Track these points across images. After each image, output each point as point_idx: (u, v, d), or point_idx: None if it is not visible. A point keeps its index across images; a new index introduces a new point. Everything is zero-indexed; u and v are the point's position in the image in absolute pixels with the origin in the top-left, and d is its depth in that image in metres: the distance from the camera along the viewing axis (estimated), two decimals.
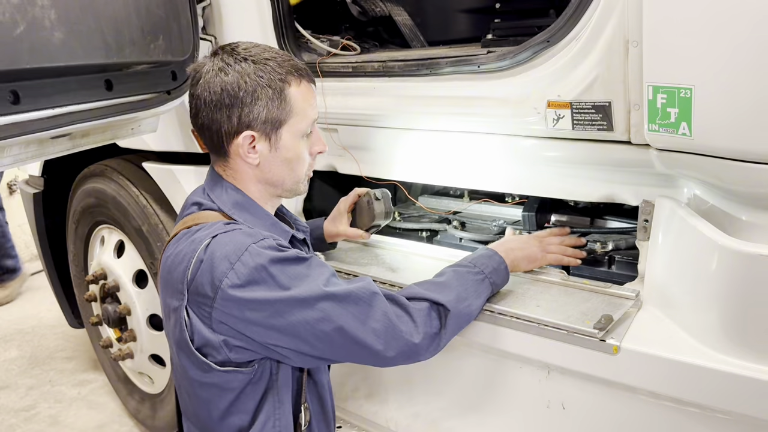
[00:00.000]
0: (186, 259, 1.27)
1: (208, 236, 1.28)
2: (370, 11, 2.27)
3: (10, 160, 1.52)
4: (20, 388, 3.50)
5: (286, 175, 1.42)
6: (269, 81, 1.33)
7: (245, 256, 1.23)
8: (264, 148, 1.37)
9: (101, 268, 2.65)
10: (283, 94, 1.35)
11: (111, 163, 2.58)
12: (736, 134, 1.14)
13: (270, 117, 1.34)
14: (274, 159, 1.39)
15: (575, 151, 1.50)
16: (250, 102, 1.32)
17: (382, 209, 1.80)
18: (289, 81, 1.36)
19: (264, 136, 1.36)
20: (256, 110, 1.33)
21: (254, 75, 1.32)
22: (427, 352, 1.34)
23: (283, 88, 1.35)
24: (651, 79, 1.23)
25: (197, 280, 1.25)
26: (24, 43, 1.30)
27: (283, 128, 1.37)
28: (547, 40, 1.43)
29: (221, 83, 1.32)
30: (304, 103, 1.38)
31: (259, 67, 1.33)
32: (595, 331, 1.32)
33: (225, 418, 1.34)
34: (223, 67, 1.33)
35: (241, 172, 1.40)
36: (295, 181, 1.44)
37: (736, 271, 1.21)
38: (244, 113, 1.33)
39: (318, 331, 1.25)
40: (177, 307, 1.29)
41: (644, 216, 1.47)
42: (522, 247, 1.59)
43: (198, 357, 1.28)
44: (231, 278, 1.22)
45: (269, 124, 1.35)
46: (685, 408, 1.29)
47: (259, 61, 1.34)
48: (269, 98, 1.33)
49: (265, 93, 1.33)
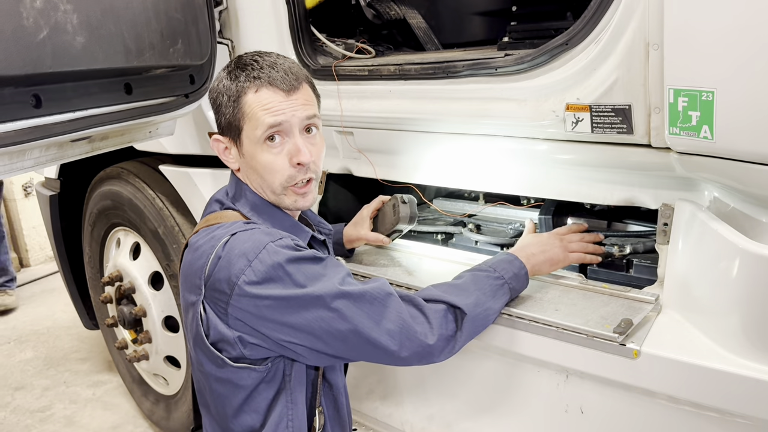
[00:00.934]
0: (205, 255, 1.30)
1: (227, 233, 1.30)
2: (384, 14, 2.28)
3: (30, 162, 1.54)
4: (36, 388, 3.53)
5: (260, 183, 1.41)
6: (227, 87, 1.38)
7: (263, 254, 1.25)
8: (234, 153, 1.43)
9: (117, 270, 2.67)
10: (239, 100, 1.36)
11: (127, 166, 2.60)
12: (758, 137, 1.13)
13: (228, 122, 1.39)
14: (245, 165, 1.42)
15: (594, 154, 1.49)
16: (216, 107, 1.41)
17: (408, 213, 1.80)
18: (244, 88, 1.36)
19: (231, 141, 1.41)
20: (220, 115, 1.41)
21: (224, 81, 1.39)
22: (441, 354, 1.34)
23: (238, 95, 1.36)
24: (672, 82, 1.23)
25: (215, 276, 1.26)
26: (47, 47, 1.32)
27: (242, 134, 1.38)
28: (566, 42, 1.42)
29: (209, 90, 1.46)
30: (258, 109, 1.35)
31: (228, 74, 1.39)
32: (615, 335, 1.32)
33: (238, 416, 1.35)
34: (217, 74, 1.44)
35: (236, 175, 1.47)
36: (271, 191, 1.40)
37: (758, 274, 1.20)
38: (217, 119, 1.43)
39: (333, 329, 1.26)
40: (194, 301, 1.31)
41: (664, 219, 1.46)
42: (543, 250, 1.56)
43: (212, 351, 1.29)
44: (248, 275, 1.24)
45: (231, 130, 1.40)
46: (705, 412, 1.28)
47: (233, 70, 1.39)
48: (225, 105, 1.38)
49: (223, 99, 1.38)
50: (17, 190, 5.40)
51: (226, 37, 2.07)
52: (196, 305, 1.31)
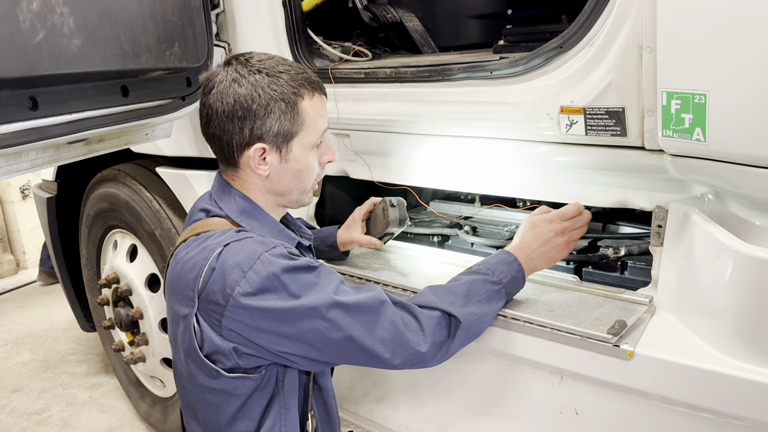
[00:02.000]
0: (197, 267, 1.28)
1: (220, 244, 1.28)
2: (381, 17, 2.28)
3: (27, 165, 1.54)
4: (32, 391, 3.53)
5: (294, 186, 1.43)
6: (282, 94, 1.34)
7: (257, 265, 1.24)
8: (274, 160, 1.38)
9: (114, 272, 2.67)
10: (296, 107, 1.36)
11: (124, 168, 2.60)
12: (750, 140, 1.14)
13: (282, 130, 1.35)
14: (283, 170, 1.40)
15: (588, 157, 1.50)
16: (263, 115, 1.33)
17: (397, 216, 1.80)
18: (302, 94, 1.36)
19: (275, 148, 1.37)
20: (268, 123, 1.34)
21: (268, 88, 1.33)
22: (433, 360, 1.35)
23: (296, 101, 1.35)
24: (665, 85, 1.24)
25: (209, 288, 1.25)
26: (43, 50, 1.32)
27: (294, 140, 1.38)
28: (560, 45, 1.43)
29: (234, 95, 1.32)
30: (315, 115, 1.39)
31: (272, 80, 1.34)
32: (609, 336, 1.32)
33: (232, 424, 1.35)
34: (237, 78, 1.33)
35: (250, 182, 1.42)
36: (301, 191, 1.45)
37: (751, 276, 1.21)
38: (257, 126, 1.34)
39: (327, 338, 1.26)
40: (186, 314, 1.30)
41: (658, 221, 1.47)
42: (545, 251, 1.51)
43: (207, 364, 1.29)
44: (243, 286, 1.23)
45: (281, 136, 1.36)
46: (700, 414, 1.28)
47: (273, 74, 1.34)
48: (282, 112, 1.34)
49: (278, 106, 1.33)
50: (14, 193, 5.40)
51: (223, 39, 2.07)
52: (188, 318, 1.29)
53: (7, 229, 5.52)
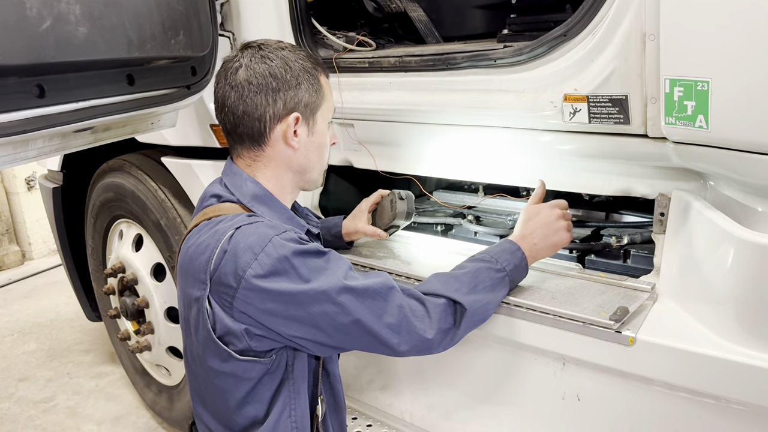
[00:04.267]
0: (209, 250, 1.30)
1: (232, 227, 1.30)
2: (385, 7, 2.28)
3: (34, 153, 1.55)
4: (39, 380, 3.55)
5: (316, 161, 1.48)
6: (308, 67, 1.42)
7: (269, 247, 1.25)
8: (303, 133, 1.43)
9: (120, 262, 2.69)
10: (318, 81, 1.44)
11: (130, 158, 2.61)
12: (753, 126, 1.15)
13: (310, 101, 1.42)
14: (310, 144, 1.45)
15: (591, 145, 1.51)
16: (295, 85, 1.40)
17: (404, 209, 1.81)
18: (319, 70, 1.46)
19: (305, 120, 1.43)
20: (300, 93, 1.40)
21: (296, 62, 1.41)
22: (439, 347, 1.36)
23: (317, 75, 1.44)
24: (668, 72, 1.24)
25: (221, 270, 1.27)
26: (50, 38, 1.32)
27: (318, 113, 1.45)
28: (563, 34, 1.44)
29: (267, 68, 1.38)
30: (329, 92, 1.49)
31: (297, 56, 1.42)
32: (611, 322, 1.33)
33: (241, 408, 1.36)
34: (266, 56, 1.40)
35: (275, 159, 1.44)
36: (320, 169, 1.51)
37: (752, 262, 1.21)
38: (290, 96, 1.39)
39: (336, 322, 1.27)
40: (199, 296, 1.31)
41: (660, 209, 1.47)
42: (547, 235, 1.52)
43: (219, 345, 1.30)
44: (254, 268, 1.24)
45: (309, 108, 1.43)
46: (701, 399, 1.29)
47: (294, 51, 1.44)
48: (309, 83, 1.42)
49: (306, 78, 1.41)
50: (20, 184, 5.42)
51: (228, 29, 2.08)
52: (200, 300, 1.31)
53: (12, 220, 5.54)
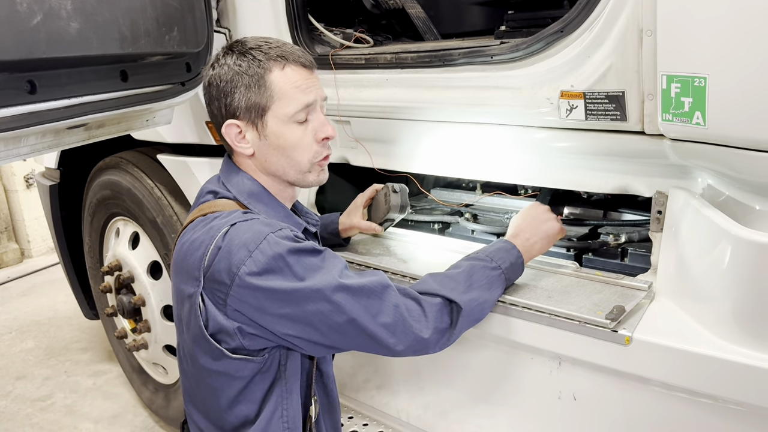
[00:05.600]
0: (203, 246, 1.28)
1: (227, 224, 1.29)
2: (383, 4, 2.27)
3: (27, 149, 1.54)
4: (36, 378, 3.55)
5: (284, 163, 1.41)
6: (246, 68, 1.35)
7: (263, 245, 1.24)
8: (253, 137, 1.39)
9: (116, 260, 2.68)
10: (263, 80, 1.35)
11: (126, 156, 2.60)
12: (750, 123, 1.13)
13: (250, 104, 1.36)
14: (266, 147, 1.39)
15: (588, 142, 1.49)
16: (229, 91, 1.36)
17: (398, 202, 1.80)
18: (269, 67, 1.36)
19: (250, 124, 1.38)
20: (237, 99, 1.36)
21: (233, 65, 1.36)
22: (436, 346, 1.35)
23: (262, 74, 1.35)
24: (665, 69, 1.23)
25: (214, 267, 1.26)
26: (41, 33, 1.31)
27: (268, 114, 1.37)
28: (560, 30, 1.42)
29: (210, 77, 1.39)
30: (288, 86, 1.37)
31: (238, 57, 1.36)
32: (607, 321, 1.32)
33: (232, 407, 1.35)
34: (219, 61, 1.39)
35: (244, 163, 1.43)
36: (297, 170, 1.42)
37: (750, 261, 1.20)
38: (227, 103, 1.37)
39: (331, 321, 1.26)
40: (192, 293, 1.30)
41: (657, 207, 1.46)
42: (537, 226, 1.54)
43: (211, 343, 1.29)
44: (249, 266, 1.23)
45: (252, 111, 1.37)
46: (698, 399, 1.28)
47: (244, 51, 1.37)
48: (246, 85, 1.35)
49: (242, 80, 1.35)
50: (19, 182, 5.41)
51: (224, 25, 2.07)
52: (194, 297, 1.29)
53: (11, 218, 5.54)
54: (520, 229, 1.54)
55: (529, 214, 1.58)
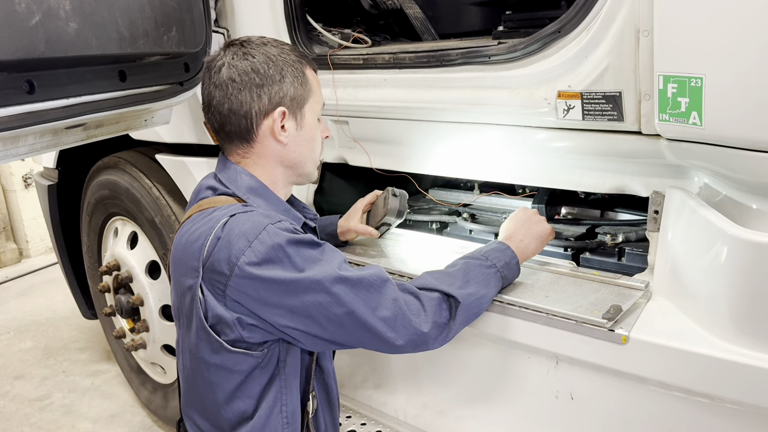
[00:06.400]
0: (202, 237, 1.29)
1: (226, 215, 1.30)
2: (381, 4, 2.27)
3: (25, 149, 1.54)
4: (35, 378, 3.55)
5: (308, 155, 1.47)
6: (292, 61, 1.41)
7: (263, 235, 1.25)
8: (291, 127, 1.42)
9: (115, 260, 2.68)
10: (304, 74, 1.42)
11: (124, 155, 2.60)
12: (747, 123, 1.14)
13: (296, 94, 1.41)
14: (299, 138, 1.44)
15: (585, 142, 1.50)
16: (279, 79, 1.38)
17: (396, 207, 1.80)
18: (304, 63, 1.44)
19: (291, 114, 1.41)
20: (285, 87, 1.39)
21: (279, 56, 1.40)
22: (435, 341, 1.35)
23: (301, 68, 1.42)
24: (662, 69, 1.23)
25: (214, 257, 1.26)
26: (39, 33, 1.31)
27: (306, 106, 1.43)
28: (557, 30, 1.43)
29: (249, 65, 1.37)
30: (317, 86, 1.47)
31: (280, 50, 1.41)
32: (604, 321, 1.33)
33: (230, 402, 1.35)
34: (248, 52, 1.38)
35: (265, 155, 1.42)
36: (313, 163, 1.50)
37: (747, 260, 1.20)
38: (274, 90, 1.38)
39: (330, 313, 1.26)
40: (191, 285, 1.30)
41: (654, 207, 1.47)
42: (528, 228, 1.57)
43: (210, 335, 1.29)
44: (248, 255, 1.23)
45: (295, 101, 1.41)
46: (695, 398, 1.29)
47: (278, 45, 1.42)
48: (294, 76, 1.40)
49: (290, 71, 1.40)
50: (17, 182, 5.41)
51: (222, 26, 2.07)
52: (193, 288, 1.30)
53: (10, 218, 5.54)
54: (512, 232, 1.56)
55: (520, 218, 1.61)
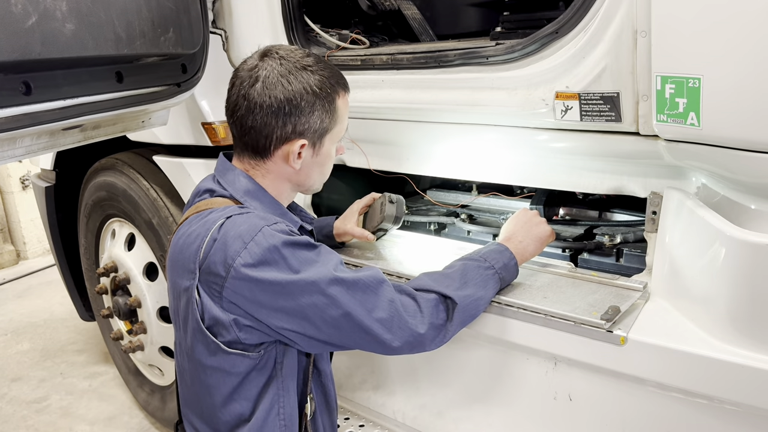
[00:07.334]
0: (199, 239, 1.29)
1: (222, 217, 1.29)
2: (379, 5, 2.27)
3: (22, 150, 1.54)
4: (32, 380, 3.54)
5: (317, 177, 1.47)
6: (326, 93, 1.37)
7: (259, 237, 1.24)
8: (308, 155, 1.40)
9: (112, 261, 2.68)
10: (334, 104, 1.39)
11: (122, 157, 2.60)
12: (745, 124, 1.14)
13: (320, 127, 1.38)
14: (313, 164, 1.43)
15: (583, 143, 1.50)
16: (308, 113, 1.35)
17: (393, 213, 1.80)
18: (338, 92, 1.40)
19: (311, 144, 1.40)
20: (312, 120, 1.36)
21: (315, 87, 1.35)
22: (432, 343, 1.35)
23: (334, 98, 1.39)
24: (659, 69, 1.23)
25: (210, 259, 1.26)
26: (36, 34, 1.31)
27: (327, 136, 1.41)
28: (555, 31, 1.43)
29: (283, 93, 1.33)
30: (345, 112, 1.44)
31: (318, 79, 1.36)
32: (602, 322, 1.32)
33: (227, 404, 1.34)
34: (285, 75, 1.34)
35: (275, 172, 1.42)
36: (321, 181, 1.50)
37: (745, 261, 1.20)
38: (300, 122, 1.35)
39: (326, 315, 1.26)
40: (188, 286, 1.30)
41: (652, 208, 1.47)
42: (528, 229, 1.57)
43: (207, 336, 1.29)
44: (244, 257, 1.23)
45: (317, 133, 1.39)
46: (693, 399, 1.29)
47: (316, 71, 1.37)
48: (324, 110, 1.37)
49: (321, 105, 1.36)
50: (14, 183, 5.40)
51: (220, 27, 2.06)
52: (190, 290, 1.29)
53: (7, 219, 5.53)
54: (512, 233, 1.56)
55: (520, 219, 1.61)
